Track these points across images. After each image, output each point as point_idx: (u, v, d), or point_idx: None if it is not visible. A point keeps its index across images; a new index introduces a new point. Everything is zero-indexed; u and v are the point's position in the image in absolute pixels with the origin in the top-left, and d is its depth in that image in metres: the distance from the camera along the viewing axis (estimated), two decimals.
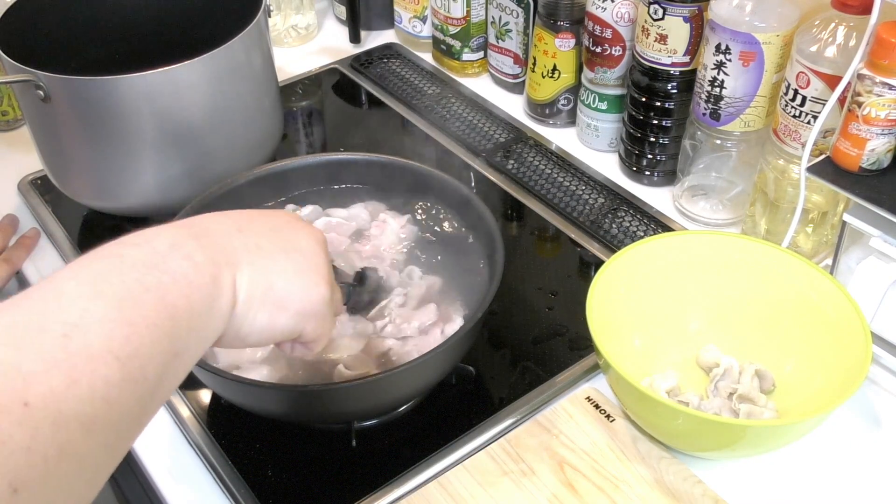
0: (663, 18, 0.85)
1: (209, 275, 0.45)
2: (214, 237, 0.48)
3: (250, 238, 0.50)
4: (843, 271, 0.75)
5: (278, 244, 0.52)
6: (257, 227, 0.52)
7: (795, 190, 0.76)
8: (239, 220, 0.52)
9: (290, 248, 0.53)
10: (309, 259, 0.53)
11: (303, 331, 0.53)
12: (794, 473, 0.68)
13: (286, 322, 0.51)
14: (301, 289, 0.52)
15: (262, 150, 0.93)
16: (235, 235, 0.50)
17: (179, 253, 0.45)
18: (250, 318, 0.49)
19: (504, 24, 1.08)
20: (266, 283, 0.49)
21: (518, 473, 0.66)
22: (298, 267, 0.52)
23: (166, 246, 0.45)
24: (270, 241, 0.52)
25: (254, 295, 0.49)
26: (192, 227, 0.48)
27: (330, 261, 0.56)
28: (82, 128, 0.82)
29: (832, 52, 0.72)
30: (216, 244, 0.48)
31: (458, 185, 0.78)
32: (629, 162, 0.97)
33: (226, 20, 0.88)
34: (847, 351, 0.66)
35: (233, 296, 0.47)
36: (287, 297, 0.51)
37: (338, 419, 0.70)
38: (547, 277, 0.86)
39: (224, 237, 0.49)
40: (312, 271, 0.53)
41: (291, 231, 0.54)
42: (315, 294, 0.53)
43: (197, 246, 0.46)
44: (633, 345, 0.73)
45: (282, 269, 0.51)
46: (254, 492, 0.66)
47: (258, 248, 0.50)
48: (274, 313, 0.50)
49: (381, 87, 1.15)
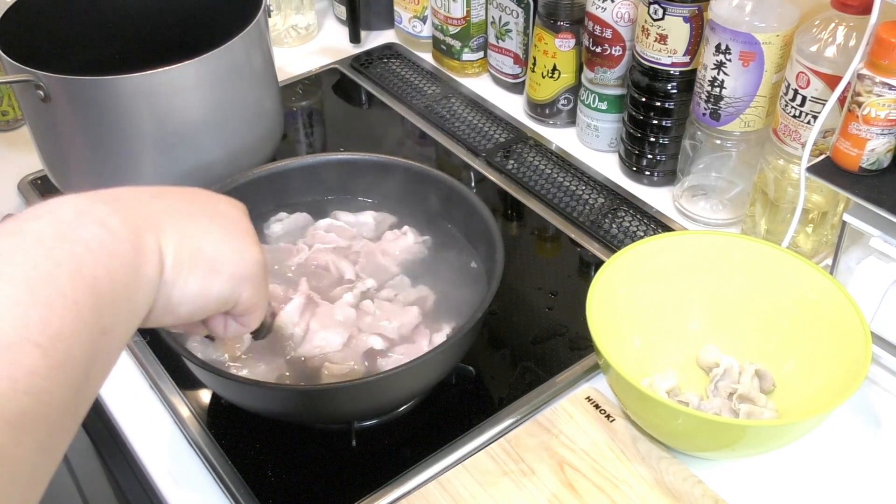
0: (663, 18, 0.85)
1: (128, 241, 0.41)
2: (127, 202, 0.43)
3: (168, 203, 0.46)
4: (843, 271, 0.75)
5: (199, 208, 0.48)
6: (172, 194, 0.48)
7: (795, 190, 0.76)
8: (151, 189, 0.47)
9: (213, 212, 0.49)
10: (235, 221, 0.50)
11: (239, 297, 0.49)
12: (794, 473, 0.68)
13: (221, 287, 0.47)
14: (234, 251, 0.48)
15: (262, 150, 0.93)
16: (151, 201, 0.45)
17: (89, 219, 0.40)
18: (180, 283, 0.45)
19: (504, 24, 1.08)
20: (194, 245, 0.45)
21: (518, 473, 0.66)
22: (227, 229, 0.49)
23: (72, 213, 0.40)
24: (190, 205, 0.48)
25: (182, 259, 0.44)
26: (99, 195, 0.43)
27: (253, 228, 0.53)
28: (82, 128, 0.82)
29: (832, 52, 0.72)
30: (130, 208, 0.43)
31: (458, 184, 0.78)
32: (629, 162, 0.97)
33: (226, 20, 0.88)
34: (847, 351, 0.66)
35: (159, 261, 0.43)
36: (219, 260, 0.47)
37: (338, 419, 0.70)
38: (547, 277, 0.86)
39: (138, 203, 0.44)
40: (241, 233, 0.50)
41: (210, 198, 0.51)
42: (248, 255, 0.49)
43: (109, 211, 0.41)
44: (633, 345, 0.73)
45: (208, 231, 0.47)
46: (254, 492, 0.66)
47: (178, 212, 0.46)
48: (207, 277, 0.46)
49: (381, 87, 1.15)
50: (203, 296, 0.46)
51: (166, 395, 0.74)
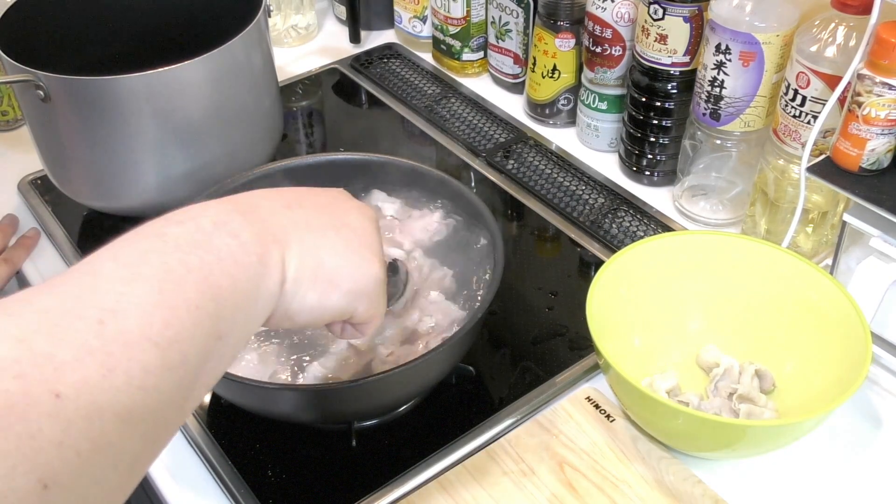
0: (663, 18, 0.85)
1: (255, 253, 0.44)
2: (261, 213, 0.46)
3: (299, 214, 0.49)
4: (843, 271, 0.75)
5: (328, 220, 0.50)
6: (306, 203, 0.50)
7: (795, 190, 0.76)
8: (287, 196, 0.50)
9: (340, 224, 0.51)
10: (361, 236, 0.52)
11: (355, 311, 0.51)
12: (794, 473, 0.68)
13: (338, 301, 0.49)
14: (353, 266, 0.50)
15: (262, 150, 0.93)
16: (283, 212, 0.48)
17: (224, 230, 0.43)
18: (300, 296, 0.47)
19: (504, 24, 1.08)
20: (316, 260, 0.48)
21: (518, 473, 0.66)
22: (350, 244, 0.50)
23: (211, 223, 0.43)
24: (320, 217, 0.50)
25: (303, 273, 0.47)
26: (238, 204, 0.46)
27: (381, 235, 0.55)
28: (82, 128, 0.82)
29: (832, 52, 0.72)
30: (263, 221, 0.46)
31: (458, 185, 0.78)
32: (629, 162, 0.97)
33: (226, 20, 0.88)
34: (847, 351, 0.66)
35: (281, 274, 0.46)
36: (338, 275, 0.49)
37: (338, 419, 0.70)
38: (547, 277, 0.86)
39: (271, 214, 0.47)
40: (365, 248, 0.51)
41: (341, 207, 0.53)
42: (368, 272, 0.51)
43: (243, 222, 0.44)
44: (633, 345, 0.73)
45: (332, 246, 0.49)
46: (254, 492, 0.66)
47: (307, 225, 0.48)
48: (325, 292, 0.48)
49: (381, 87, 1.15)
50: (320, 308, 0.49)
51: None
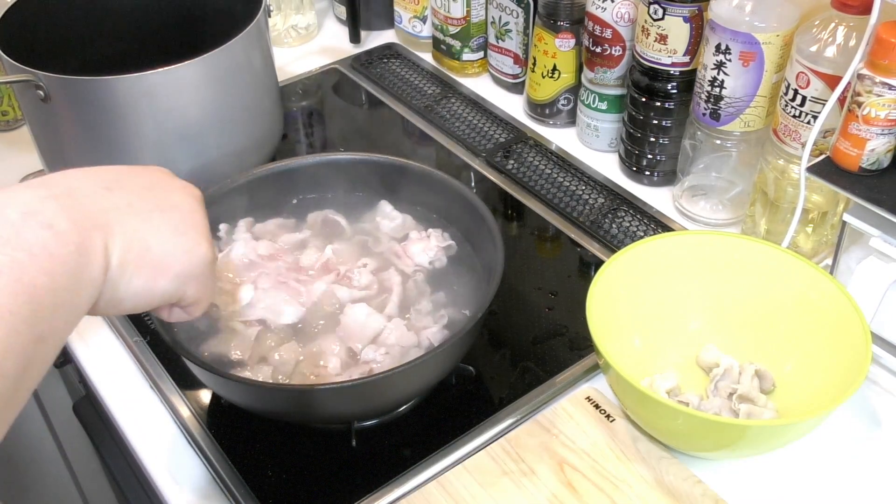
0: (663, 18, 0.85)
1: (73, 243, 0.41)
2: (79, 197, 0.43)
3: (120, 197, 0.46)
4: (843, 271, 0.75)
5: (152, 202, 0.48)
6: (128, 184, 0.48)
7: (795, 190, 0.76)
8: (105, 177, 0.47)
9: (165, 205, 0.48)
10: (187, 217, 0.49)
11: (184, 294, 0.49)
12: (794, 473, 0.68)
13: (166, 285, 0.47)
14: (181, 249, 0.48)
15: (262, 150, 0.93)
16: (103, 195, 0.45)
17: (36, 220, 0.40)
18: (124, 283, 0.45)
19: (504, 24, 1.08)
20: (141, 244, 0.45)
21: (518, 473, 0.66)
22: (176, 226, 0.48)
23: (19, 214, 0.39)
24: (143, 199, 0.47)
25: (128, 259, 0.44)
26: (51, 188, 0.43)
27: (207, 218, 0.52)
28: (82, 128, 0.82)
29: (832, 52, 0.72)
30: (81, 206, 0.43)
31: (457, 184, 0.78)
32: (629, 162, 0.97)
33: (226, 20, 0.89)
34: (847, 351, 0.66)
35: (104, 261, 0.43)
36: (165, 259, 0.47)
37: (338, 419, 0.70)
38: (547, 277, 0.86)
39: (90, 197, 0.44)
40: (192, 229, 0.49)
41: (165, 188, 0.50)
42: (196, 254, 0.49)
43: (58, 209, 0.41)
44: (633, 345, 0.73)
45: (158, 229, 0.47)
46: (254, 492, 0.66)
47: (129, 207, 0.46)
48: (151, 277, 0.46)
49: (381, 87, 1.15)
50: (147, 293, 0.47)
51: (166, 395, 0.74)
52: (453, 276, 0.76)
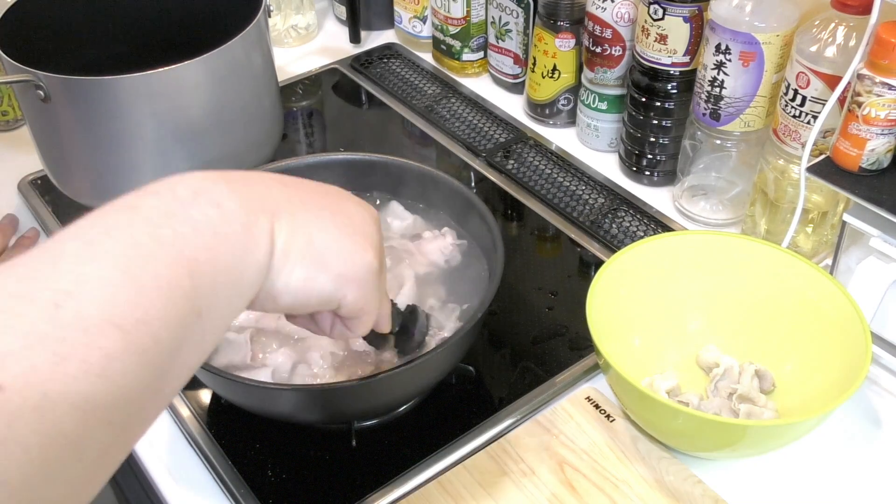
0: (663, 18, 0.85)
1: (240, 223, 0.41)
2: (251, 185, 0.44)
3: (294, 192, 0.46)
4: (843, 271, 0.75)
5: (325, 203, 0.48)
6: (305, 186, 0.48)
7: (795, 190, 0.76)
8: (283, 178, 0.48)
9: (337, 210, 0.48)
10: (358, 225, 0.49)
11: (343, 298, 0.48)
12: (794, 473, 0.68)
13: (325, 283, 0.46)
14: (346, 250, 0.47)
15: (262, 150, 0.93)
16: (278, 188, 0.45)
17: (205, 199, 0.40)
18: (286, 272, 0.44)
19: (504, 25, 1.08)
20: (307, 236, 0.45)
21: (518, 473, 0.66)
22: (345, 228, 0.48)
23: (190, 192, 0.40)
24: (316, 199, 0.47)
25: (291, 246, 0.44)
26: (227, 175, 0.43)
27: (381, 238, 0.51)
28: (82, 128, 0.82)
29: (832, 52, 0.72)
30: (252, 191, 0.43)
31: (457, 184, 0.78)
32: (629, 162, 0.98)
33: (226, 20, 0.88)
34: (847, 351, 0.66)
35: (269, 245, 0.43)
36: (329, 256, 0.46)
37: (338, 419, 0.70)
38: (547, 277, 0.86)
39: (263, 186, 0.44)
40: (360, 235, 0.48)
41: (342, 198, 0.50)
42: (360, 258, 0.48)
43: (228, 191, 0.41)
44: (633, 345, 0.73)
45: (325, 227, 0.46)
46: (254, 492, 0.66)
47: (301, 202, 0.46)
48: (312, 270, 0.45)
49: (381, 87, 1.15)
50: (305, 289, 0.46)
51: None
52: (457, 274, 0.76)
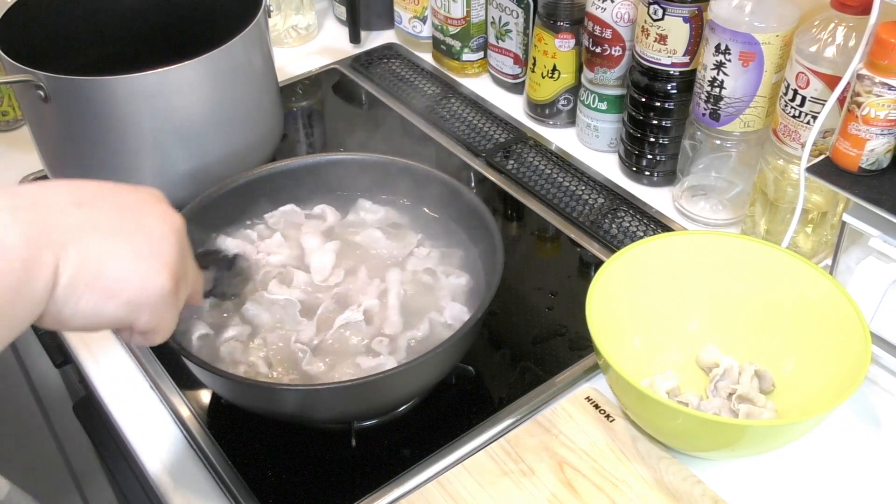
0: (663, 19, 0.85)
1: (20, 259, 0.40)
2: (41, 211, 0.43)
3: (88, 215, 0.45)
4: (842, 271, 0.75)
5: (120, 224, 0.47)
6: (103, 203, 0.47)
7: (795, 190, 0.77)
8: (82, 193, 0.46)
9: (134, 229, 0.48)
10: (154, 244, 0.48)
11: (135, 321, 0.49)
12: (794, 473, 0.68)
13: (114, 311, 0.47)
14: (137, 276, 0.47)
15: (262, 151, 0.93)
16: (70, 210, 0.45)
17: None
18: (72, 302, 0.44)
19: (504, 25, 1.08)
20: (96, 266, 0.45)
21: (518, 473, 0.66)
22: (139, 252, 0.47)
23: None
24: (112, 220, 0.47)
25: (79, 279, 0.44)
26: (16, 198, 0.43)
27: (183, 250, 0.51)
28: (82, 128, 0.82)
29: (832, 52, 0.72)
30: (40, 220, 0.42)
31: (457, 185, 0.78)
32: (629, 162, 0.98)
33: (226, 20, 0.88)
34: (847, 351, 0.66)
35: (52, 279, 0.42)
36: (117, 284, 0.46)
37: (338, 419, 0.70)
38: (547, 277, 0.86)
39: (54, 212, 0.44)
40: (154, 258, 0.48)
41: (142, 212, 0.49)
42: (152, 283, 0.48)
43: (11, 221, 0.41)
44: (633, 345, 0.73)
45: (117, 253, 0.46)
46: (254, 492, 0.66)
47: (94, 227, 0.45)
48: (101, 300, 0.45)
49: (381, 87, 1.15)
50: (96, 315, 0.46)
51: (166, 395, 0.74)
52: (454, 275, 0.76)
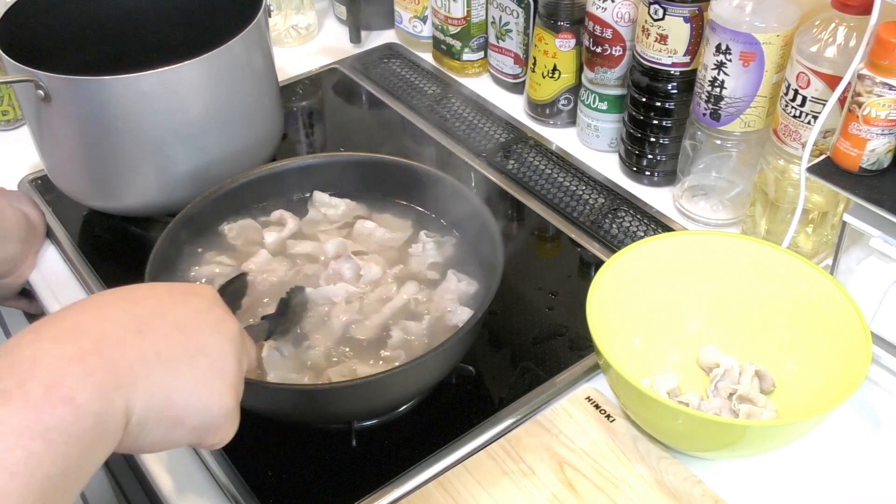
0: (663, 18, 0.85)
1: (93, 414, 0.40)
2: (106, 351, 0.43)
3: (150, 344, 0.46)
4: (843, 271, 0.75)
5: (181, 347, 0.47)
6: (160, 324, 0.47)
7: (795, 190, 0.76)
8: (140, 315, 0.47)
9: (194, 350, 0.48)
10: (215, 364, 0.49)
11: (201, 442, 0.50)
12: (794, 473, 0.68)
13: (182, 437, 0.48)
14: (202, 403, 0.48)
15: (263, 151, 0.93)
16: (131, 341, 0.45)
17: (57, 396, 0.39)
18: (142, 437, 0.45)
19: (504, 25, 1.08)
20: (162, 400, 0.45)
21: (518, 473, 0.66)
22: (202, 377, 0.48)
23: (41, 389, 0.39)
24: (172, 345, 0.47)
25: (148, 415, 0.45)
26: (80, 339, 0.42)
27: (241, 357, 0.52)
28: (82, 128, 0.82)
29: (832, 52, 0.72)
30: (108, 362, 0.43)
31: (458, 185, 0.78)
32: (629, 162, 0.97)
33: (226, 20, 0.88)
34: (847, 351, 0.66)
35: (124, 421, 0.43)
36: (185, 413, 0.47)
37: (338, 419, 0.70)
38: (547, 277, 0.86)
39: (118, 348, 0.44)
40: (216, 380, 0.49)
41: (199, 328, 0.49)
42: (217, 408, 0.49)
43: (82, 376, 0.41)
44: (633, 345, 0.73)
45: (181, 383, 0.47)
46: (254, 492, 0.66)
47: (157, 356, 0.46)
48: (169, 430, 0.46)
49: (381, 87, 1.15)
50: (164, 443, 0.47)
51: None
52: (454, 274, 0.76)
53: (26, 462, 0.37)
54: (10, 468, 0.36)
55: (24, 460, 0.37)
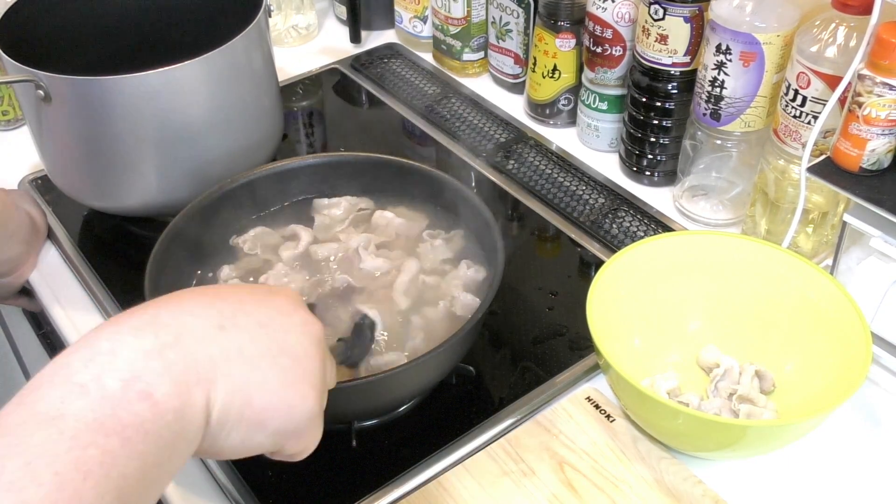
0: (664, 18, 0.85)
1: (173, 410, 0.39)
2: (186, 344, 0.41)
3: (232, 340, 0.44)
4: (843, 271, 0.75)
5: (264, 346, 0.46)
6: (244, 321, 0.46)
7: (796, 190, 0.76)
8: (223, 311, 0.45)
9: (277, 349, 0.46)
10: (298, 364, 0.47)
11: (281, 449, 0.48)
12: (794, 473, 0.68)
13: (262, 441, 0.46)
14: (284, 404, 0.46)
15: (263, 151, 0.93)
16: (213, 336, 0.43)
17: (135, 391, 0.38)
18: (223, 437, 0.43)
19: (504, 25, 1.08)
20: (244, 397, 0.43)
21: (518, 473, 0.66)
22: (285, 377, 0.46)
23: (118, 384, 0.38)
24: (255, 342, 0.45)
25: (229, 413, 0.43)
26: (160, 332, 0.41)
27: (324, 360, 0.50)
28: (82, 128, 0.82)
29: (832, 52, 0.72)
30: (188, 356, 0.41)
31: (458, 185, 0.78)
32: (629, 162, 0.97)
33: (226, 20, 0.88)
34: (847, 351, 0.66)
35: (204, 417, 0.41)
36: (266, 414, 0.45)
37: (338, 419, 0.70)
38: (547, 277, 0.86)
39: (200, 342, 0.42)
40: (300, 381, 0.47)
41: (283, 327, 0.48)
42: (299, 410, 0.47)
43: (161, 369, 0.39)
44: (633, 345, 0.73)
45: (264, 381, 0.45)
46: (254, 492, 0.66)
47: (239, 353, 0.44)
48: (250, 432, 0.44)
49: (381, 87, 1.15)
50: (244, 447, 0.45)
51: None
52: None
53: (101, 461, 0.35)
54: (83, 468, 0.35)
55: (97, 459, 0.35)
